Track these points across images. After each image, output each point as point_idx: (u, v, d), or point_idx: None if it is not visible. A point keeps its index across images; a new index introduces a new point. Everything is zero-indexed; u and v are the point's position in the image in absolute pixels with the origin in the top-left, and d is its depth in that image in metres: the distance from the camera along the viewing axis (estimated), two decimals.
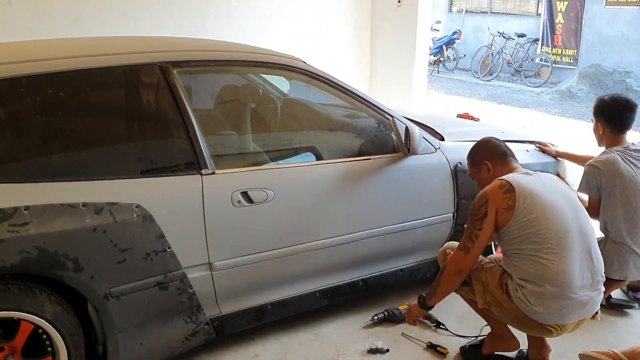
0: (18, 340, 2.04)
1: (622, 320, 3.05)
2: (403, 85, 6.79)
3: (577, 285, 2.27)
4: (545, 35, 12.30)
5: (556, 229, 2.27)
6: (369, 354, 2.68)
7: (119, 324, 2.22)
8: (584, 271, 2.31)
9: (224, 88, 3.05)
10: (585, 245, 2.34)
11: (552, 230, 2.27)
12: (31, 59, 2.22)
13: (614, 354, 2.41)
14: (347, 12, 6.76)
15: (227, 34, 5.68)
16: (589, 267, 2.33)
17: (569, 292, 2.25)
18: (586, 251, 2.33)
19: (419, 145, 2.85)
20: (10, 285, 2.00)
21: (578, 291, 2.27)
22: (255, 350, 2.71)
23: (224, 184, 2.40)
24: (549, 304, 2.26)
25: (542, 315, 2.28)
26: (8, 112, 2.12)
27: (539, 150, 3.48)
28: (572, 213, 2.36)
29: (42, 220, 2.00)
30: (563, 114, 9.37)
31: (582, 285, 2.29)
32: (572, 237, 2.29)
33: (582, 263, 2.31)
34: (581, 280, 2.29)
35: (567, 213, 2.34)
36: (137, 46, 2.67)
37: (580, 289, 2.28)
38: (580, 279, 2.29)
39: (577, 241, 2.30)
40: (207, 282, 2.42)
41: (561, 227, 2.28)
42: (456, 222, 3.12)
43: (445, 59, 13.57)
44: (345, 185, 2.73)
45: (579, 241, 2.31)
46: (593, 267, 2.34)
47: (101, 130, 2.29)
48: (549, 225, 2.27)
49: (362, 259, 2.90)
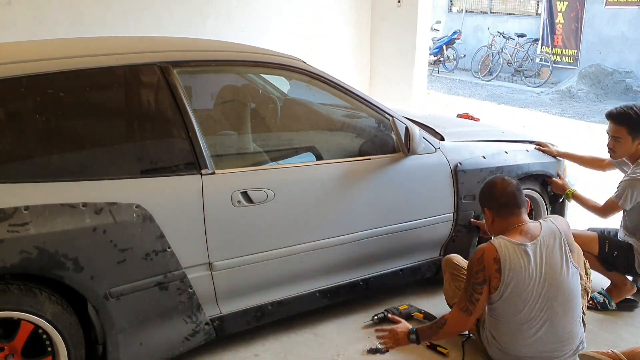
0: (18, 340, 2.04)
1: (622, 320, 3.05)
2: (403, 85, 6.79)
3: (529, 356, 2.43)
4: (545, 35, 12.30)
5: (520, 318, 2.40)
6: (369, 354, 2.68)
7: (119, 324, 2.22)
8: (545, 348, 2.42)
9: (224, 88, 3.05)
10: (556, 333, 2.42)
11: (517, 321, 2.41)
12: (31, 59, 2.22)
13: (613, 354, 2.42)
14: (347, 12, 6.76)
15: (227, 34, 5.68)
16: (555, 342, 2.42)
17: (520, 357, 2.44)
18: (555, 336, 2.42)
19: (419, 145, 2.84)
20: (10, 285, 2.00)
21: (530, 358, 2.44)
22: (255, 350, 2.71)
23: (224, 184, 2.40)
24: (500, 355, 2.50)
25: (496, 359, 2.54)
26: (8, 112, 2.12)
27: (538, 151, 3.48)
28: (549, 306, 2.40)
29: (42, 220, 2.00)
30: (563, 114, 9.37)
31: (535, 358, 2.43)
32: (536, 326, 2.40)
33: (542, 345, 2.41)
34: (535, 354, 2.42)
35: (540, 307, 2.39)
36: (137, 46, 2.67)
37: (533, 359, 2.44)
38: (534, 353, 2.42)
39: (542, 323, 2.40)
40: (207, 282, 2.42)
41: (527, 317, 2.39)
42: (456, 222, 3.12)
43: (445, 59, 13.56)
44: (345, 185, 2.73)
45: (547, 332, 2.40)
46: (561, 343, 2.43)
47: (101, 130, 2.29)
48: (515, 316, 2.40)
49: (362, 259, 2.90)
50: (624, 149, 3.02)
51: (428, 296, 3.20)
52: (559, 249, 2.43)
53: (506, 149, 3.29)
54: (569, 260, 2.44)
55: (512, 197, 2.50)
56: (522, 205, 2.51)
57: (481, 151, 3.19)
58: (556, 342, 2.43)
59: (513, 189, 2.51)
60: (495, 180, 2.60)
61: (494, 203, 2.53)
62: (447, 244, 3.17)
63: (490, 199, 2.54)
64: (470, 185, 3.09)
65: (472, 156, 3.13)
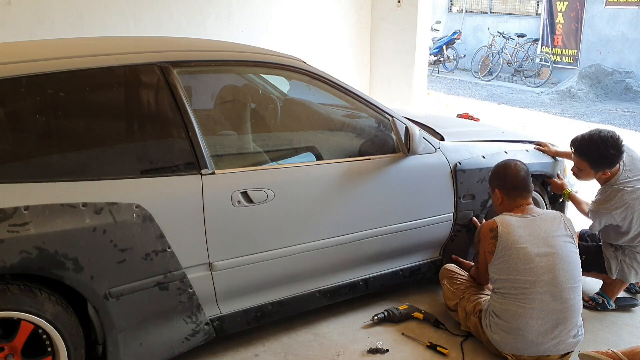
0: (18, 340, 2.04)
1: (622, 320, 3.05)
2: (403, 85, 6.80)
3: (533, 331, 2.47)
4: (545, 35, 12.30)
5: (523, 280, 2.48)
6: (369, 354, 2.68)
7: (118, 323, 2.22)
8: (545, 322, 2.47)
9: (224, 88, 3.05)
10: (556, 297, 2.47)
11: (520, 281, 2.48)
12: (31, 59, 2.22)
13: (613, 354, 2.42)
14: (347, 12, 6.77)
15: (227, 34, 5.69)
16: (555, 318, 2.47)
17: (523, 333, 2.49)
18: (555, 302, 2.47)
19: (419, 145, 2.84)
20: (10, 285, 2.00)
21: (533, 337, 2.48)
22: (255, 350, 2.71)
23: (224, 184, 2.40)
24: (504, 336, 2.53)
25: (498, 344, 2.57)
26: (8, 112, 2.12)
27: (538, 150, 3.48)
28: (549, 268, 2.47)
29: (42, 220, 1.99)
30: (563, 114, 9.36)
31: (539, 333, 2.47)
32: (538, 290, 2.47)
33: (544, 314, 2.48)
34: (538, 329, 2.47)
35: (542, 267, 2.46)
36: (137, 46, 2.67)
37: (537, 336, 2.48)
38: (537, 329, 2.47)
39: (544, 294, 2.47)
40: (207, 282, 2.42)
41: (529, 279, 2.47)
42: (456, 222, 3.12)
43: (445, 59, 13.56)
44: (345, 185, 2.73)
45: (547, 294, 2.47)
46: (560, 319, 2.48)
47: (101, 130, 2.29)
48: (517, 276, 2.49)
49: (362, 259, 2.90)
50: (587, 177, 3.03)
51: (428, 296, 3.20)
52: (557, 222, 2.56)
53: (506, 149, 3.29)
54: (570, 234, 2.56)
55: (524, 181, 2.64)
56: (531, 189, 2.67)
57: (481, 151, 3.19)
58: (560, 312, 2.47)
59: (525, 174, 2.65)
60: (509, 163, 2.70)
61: (507, 185, 2.63)
62: (446, 244, 3.17)
63: (504, 181, 2.65)
64: (470, 185, 3.09)
65: (472, 156, 3.13)
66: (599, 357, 2.42)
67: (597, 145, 2.85)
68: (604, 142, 2.83)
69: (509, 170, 2.66)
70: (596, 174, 2.95)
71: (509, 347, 2.54)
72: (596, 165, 2.91)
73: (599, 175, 2.96)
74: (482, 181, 3.10)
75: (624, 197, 2.89)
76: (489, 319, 2.61)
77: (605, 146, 2.83)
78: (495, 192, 2.72)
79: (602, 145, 2.83)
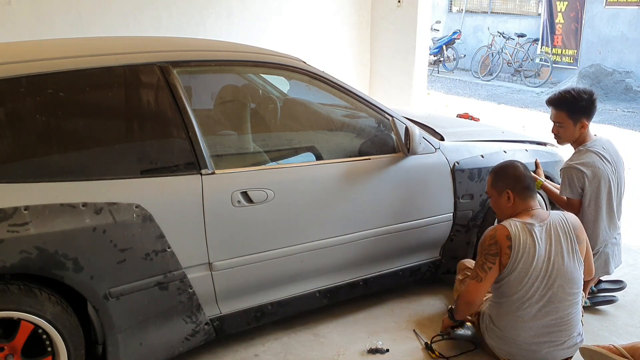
0: (18, 340, 2.04)
1: (622, 320, 3.06)
2: (403, 85, 6.79)
3: (527, 342, 2.49)
4: (545, 35, 12.30)
5: (522, 294, 2.47)
6: (369, 354, 2.68)
7: (118, 323, 2.22)
8: (541, 334, 2.48)
9: (224, 88, 3.05)
10: (552, 313, 2.47)
11: (519, 295, 2.47)
12: (31, 59, 2.22)
13: (614, 348, 2.41)
14: (347, 12, 6.76)
15: (227, 34, 5.69)
16: (551, 332, 2.49)
17: (518, 344, 2.50)
18: (552, 317, 2.48)
19: (418, 145, 2.84)
20: (10, 285, 2.00)
21: (528, 346, 2.49)
22: (255, 350, 2.71)
23: (224, 184, 2.40)
24: (499, 342, 2.56)
25: (494, 348, 2.59)
26: (8, 112, 2.12)
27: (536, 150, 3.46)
28: (550, 285, 2.47)
29: (42, 220, 2.00)
30: None
31: (534, 343, 2.49)
32: (535, 305, 2.47)
33: (540, 328, 2.48)
34: (532, 340, 2.48)
35: (544, 285, 2.47)
36: (137, 46, 2.67)
37: (532, 345, 2.49)
38: (531, 340, 2.48)
39: (541, 309, 2.47)
40: (207, 282, 2.42)
41: (528, 294, 2.47)
42: (455, 222, 3.12)
43: (445, 59, 13.57)
44: (345, 185, 2.73)
45: (544, 309, 2.47)
46: (556, 332, 2.49)
47: (101, 130, 2.29)
48: (519, 291, 2.47)
49: (362, 259, 2.90)
50: (567, 133, 3.06)
51: (428, 296, 3.21)
52: (564, 235, 2.53)
53: (505, 149, 3.29)
54: (574, 248, 2.53)
55: (532, 180, 2.66)
56: (535, 189, 2.70)
57: (480, 151, 3.19)
58: (554, 326, 2.48)
59: (530, 174, 2.68)
60: (515, 164, 2.69)
61: (519, 185, 2.61)
62: (445, 244, 3.17)
63: (516, 181, 2.62)
64: (468, 185, 3.09)
65: (471, 155, 3.13)
66: (600, 350, 2.41)
67: (571, 93, 3.04)
68: (576, 91, 3.05)
69: (518, 170, 2.62)
70: (575, 125, 3.01)
71: (504, 353, 2.56)
72: (573, 113, 3.00)
73: (577, 128, 3.01)
74: (480, 180, 3.10)
75: (596, 163, 2.94)
76: (485, 323, 2.62)
77: (578, 93, 3.03)
78: (506, 193, 2.61)
79: (576, 93, 3.04)
